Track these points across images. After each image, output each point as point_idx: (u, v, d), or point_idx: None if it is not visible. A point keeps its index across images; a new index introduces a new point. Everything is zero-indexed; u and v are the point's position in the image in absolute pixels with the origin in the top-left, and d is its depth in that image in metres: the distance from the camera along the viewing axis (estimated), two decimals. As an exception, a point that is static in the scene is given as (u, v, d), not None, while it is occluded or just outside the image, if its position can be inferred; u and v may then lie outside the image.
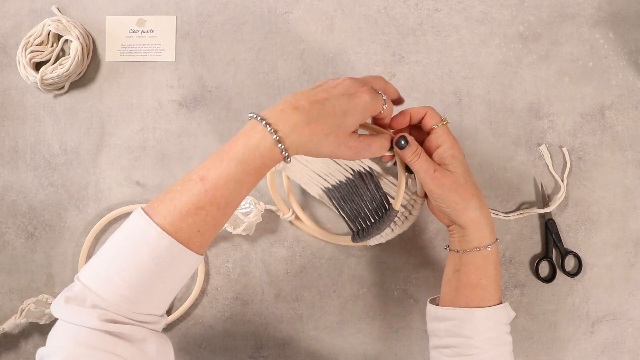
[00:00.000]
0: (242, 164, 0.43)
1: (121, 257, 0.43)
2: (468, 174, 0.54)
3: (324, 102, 0.46)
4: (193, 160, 0.68)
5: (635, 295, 0.68)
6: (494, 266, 0.54)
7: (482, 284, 0.53)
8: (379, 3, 0.69)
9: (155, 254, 0.42)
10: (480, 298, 0.53)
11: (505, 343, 0.54)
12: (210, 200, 0.43)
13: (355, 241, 0.63)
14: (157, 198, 0.44)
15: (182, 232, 0.43)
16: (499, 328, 0.53)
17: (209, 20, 0.69)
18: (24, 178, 0.68)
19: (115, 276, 0.42)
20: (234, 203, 0.45)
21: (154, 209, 0.43)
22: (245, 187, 0.45)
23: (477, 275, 0.53)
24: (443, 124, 0.54)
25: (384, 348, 0.68)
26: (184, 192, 0.43)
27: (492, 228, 0.54)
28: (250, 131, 0.44)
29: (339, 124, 0.46)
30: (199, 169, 0.44)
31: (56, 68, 0.66)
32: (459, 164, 0.53)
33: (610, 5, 0.69)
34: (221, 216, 0.45)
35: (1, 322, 0.66)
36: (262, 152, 0.44)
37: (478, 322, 0.52)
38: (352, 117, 0.47)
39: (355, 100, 0.47)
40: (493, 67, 0.69)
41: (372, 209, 0.62)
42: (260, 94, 0.68)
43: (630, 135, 0.68)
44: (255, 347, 0.67)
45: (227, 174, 0.43)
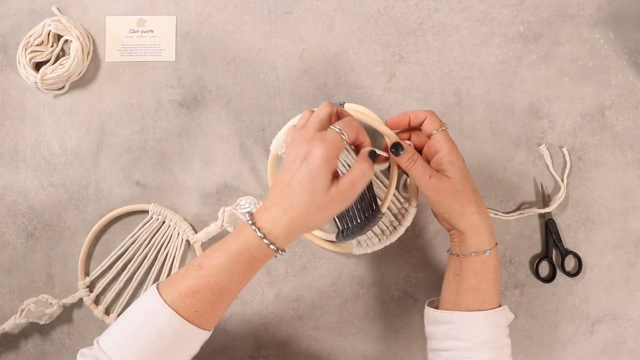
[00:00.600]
0: (230, 255, 0.48)
1: (132, 325, 0.48)
2: (466, 180, 0.54)
3: (290, 183, 0.48)
4: (193, 160, 0.68)
5: (635, 295, 0.68)
6: (493, 270, 0.54)
7: (482, 288, 0.54)
8: (379, 3, 0.69)
9: (160, 326, 0.47)
10: (480, 302, 0.54)
11: (504, 346, 0.54)
12: (205, 285, 0.48)
13: (339, 239, 0.63)
14: (166, 279, 0.51)
15: (181, 310, 0.48)
16: (497, 331, 0.54)
17: (209, 20, 0.69)
18: (24, 178, 0.68)
19: (125, 344, 0.47)
20: (229, 290, 0.49)
21: (162, 286, 0.49)
22: (236, 277, 0.49)
23: (476, 280, 0.54)
24: (442, 129, 0.54)
25: (384, 348, 0.68)
26: (185, 276, 0.49)
27: (492, 233, 0.54)
28: (241, 229, 0.49)
29: (311, 193, 0.47)
30: (200, 257, 0.50)
31: (56, 68, 0.66)
32: (456, 170, 0.53)
33: (610, 5, 0.69)
34: (217, 301, 0.49)
35: (1, 322, 0.66)
36: (249, 247, 0.48)
37: (475, 325, 0.53)
38: (320, 177, 0.47)
39: (314, 161, 0.47)
40: (493, 67, 0.69)
41: (359, 209, 0.61)
42: (260, 94, 0.68)
43: (630, 135, 0.68)
44: (255, 347, 0.67)
45: (218, 264, 0.48)
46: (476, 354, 0.52)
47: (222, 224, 0.64)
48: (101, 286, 0.67)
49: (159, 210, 0.66)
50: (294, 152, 0.49)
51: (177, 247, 0.67)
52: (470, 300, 0.54)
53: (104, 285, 0.67)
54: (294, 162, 0.49)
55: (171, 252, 0.67)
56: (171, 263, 0.67)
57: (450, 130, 0.67)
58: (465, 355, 0.53)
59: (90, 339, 0.68)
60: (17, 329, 0.67)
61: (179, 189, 0.68)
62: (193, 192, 0.68)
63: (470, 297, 0.54)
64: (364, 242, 0.64)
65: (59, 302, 0.66)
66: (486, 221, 0.54)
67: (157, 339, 0.47)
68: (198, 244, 0.66)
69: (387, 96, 0.68)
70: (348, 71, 0.68)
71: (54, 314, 0.66)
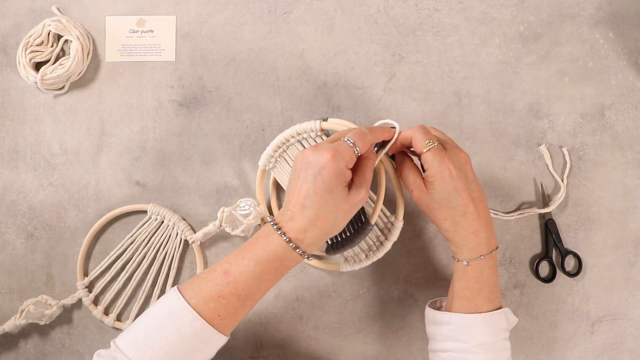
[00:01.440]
0: (261, 264, 0.49)
1: (152, 326, 0.48)
2: (446, 200, 0.53)
3: (309, 194, 0.49)
4: (193, 160, 0.68)
5: (635, 295, 0.68)
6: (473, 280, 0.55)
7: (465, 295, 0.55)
8: (379, 3, 0.69)
9: (181, 327, 0.48)
10: (466, 307, 0.55)
11: (503, 348, 0.54)
12: (232, 291, 0.49)
13: (329, 253, 0.63)
14: (186, 282, 0.51)
15: (204, 313, 0.48)
16: (495, 333, 0.54)
17: (209, 20, 0.69)
18: (24, 178, 0.68)
19: (145, 345, 0.47)
20: (255, 296, 0.50)
21: (183, 289, 0.49)
22: (265, 283, 0.50)
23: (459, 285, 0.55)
24: (428, 149, 0.53)
25: (384, 348, 0.68)
26: (209, 281, 0.49)
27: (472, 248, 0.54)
28: (269, 237, 0.50)
29: (334, 203, 0.50)
30: (223, 262, 0.50)
31: (56, 68, 0.66)
32: (436, 191, 0.53)
33: (610, 5, 0.69)
34: (241, 305, 0.50)
35: (1, 323, 0.66)
36: (280, 257, 0.49)
37: (473, 327, 0.54)
38: (337, 188, 0.49)
39: (326, 173, 0.49)
40: (493, 67, 0.69)
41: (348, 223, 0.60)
42: (260, 94, 0.68)
43: (630, 135, 0.68)
44: (255, 347, 0.67)
45: (247, 272, 0.49)
46: (473, 356, 0.53)
47: (220, 224, 0.64)
48: (100, 286, 0.67)
49: (158, 210, 0.66)
50: (304, 163, 0.50)
51: (175, 247, 0.67)
52: (457, 304, 0.56)
53: (102, 285, 0.67)
54: (307, 174, 0.50)
55: (170, 252, 0.67)
56: (170, 263, 0.67)
57: (450, 131, 0.68)
58: (462, 357, 0.53)
59: (90, 339, 0.68)
60: (17, 329, 0.67)
61: (179, 189, 0.68)
62: (193, 192, 0.68)
63: (457, 301, 0.56)
64: (351, 258, 0.64)
65: (58, 303, 0.66)
66: (464, 237, 0.54)
67: (178, 340, 0.47)
68: (196, 244, 0.66)
69: (387, 96, 0.68)
70: (348, 71, 0.68)
71: (53, 315, 0.66)
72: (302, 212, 0.49)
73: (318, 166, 0.49)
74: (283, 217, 0.51)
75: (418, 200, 0.55)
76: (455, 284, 0.56)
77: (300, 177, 0.50)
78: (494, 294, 0.55)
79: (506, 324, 0.56)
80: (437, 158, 0.52)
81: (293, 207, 0.50)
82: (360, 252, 0.64)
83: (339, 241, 0.62)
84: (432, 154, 0.52)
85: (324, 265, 0.66)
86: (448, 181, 0.52)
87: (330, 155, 0.49)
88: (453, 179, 0.52)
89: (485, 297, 0.55)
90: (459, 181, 0.52)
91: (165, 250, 0.67)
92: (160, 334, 0.47)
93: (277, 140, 0.63)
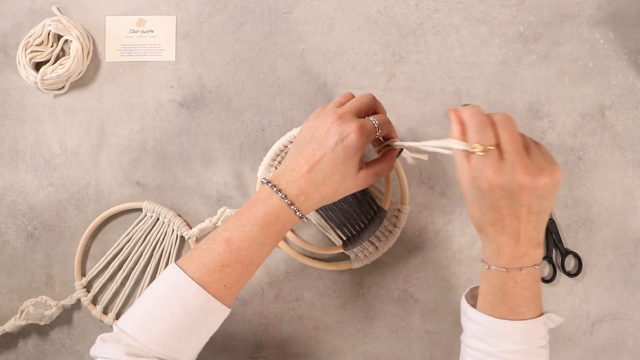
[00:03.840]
0: (263, 229, 0.49)
1: (156, 304, 0.47)
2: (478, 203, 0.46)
3: (323, 160, 0.49)
4: (193, 160, 0.68)
5: (635, 295, 0.68)
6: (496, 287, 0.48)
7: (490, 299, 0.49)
8: (379, 3, 0.69)
9: (186, 302, 0.47)
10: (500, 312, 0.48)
11: (535, 355, 0.49)
12: (235, 259, 0.48)
13: (347, 248, 0.62)
14: (185, 256, 0.50)
15: (209, 286, 0.48)
16: (530, 342, 0.48)
17: (209, 20, 0.69)
18: (24, 178, 0.68)
19: (150, 323, 0.46)
20: (257, 261, 0.50)
21: (184, 264, 0.49)
22: (267, 247, 0.50)
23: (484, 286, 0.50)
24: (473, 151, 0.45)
25: (384, 348, 0.68)
26: (211, 252, 0.49)
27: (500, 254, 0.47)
28: (269, 200, 0.49)
29: (343, 175, 0.50)
30: (222, 231, 0.49)
31: (56, 68, 0.66)
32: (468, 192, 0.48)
33: (610, 5, 0.69)
34: (245, 272, 0.50)
35: (1, 323, 0.66)
36: (281, 220, 0.49)
37: (501, 333, 0.48)
38: (351, 162, 0.50)
39: (349, 145, 0.49)
40: (493, 67, 0.69)
41: (360, 213, 0.61)
42: (260, 94, 0.68)
43: (630, 135, 0.68)
44: (255, 347, 0.67)
45: (250, 237, 0.49)
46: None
47: (217, 221, 0.64)
48: (98, 286, 0.67)
49: (153, 207, 0.66)
50: (331, 132, 0.49)
51: (172, 243, 0.67)
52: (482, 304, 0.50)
53: (101, 284, 0.67)
54: (327, 139, 0.49)
55: (166, 248, 0.67)
56: (167, 259, 0.67)
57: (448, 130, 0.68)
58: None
59: (91, 339, 0.68)
60: (16, 330, 0.67)
61: (179, 189, 0.68)
62: (193, 192, 0.68)
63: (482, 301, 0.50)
64: (361, 253, 0.64)
65: (57, 304, 0.66)
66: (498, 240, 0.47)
67: (184, 315, 0.47)
68: (192, 240, 0.66)
69: (387, 96, 0.68)
70: (348, 71, 0.68)
71: (53, 315, 0.66)
72: (308, 174, 0.49)
73: (343, 135, 0.49)
74: (283, 178, 0.50)
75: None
76: (482, 282, 0.50)
77: (316, 141, 0.50)
78: (525, 307, 0.48)
79: (544, 331, 0.49)
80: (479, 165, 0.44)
81: (299, 168, 0.49)
82: (370, 244, 0.64)
83: (353, 235, 0.62)
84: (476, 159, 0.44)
85: (335, 266, 0.66)
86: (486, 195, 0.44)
87: (357, 127, 0.49)
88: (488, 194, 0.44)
89: (510, 309, 0.48)
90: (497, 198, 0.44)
91: (162, 247, 0.67)
92: (165, 311, 0.47)
93: (274, 148, 0.63)
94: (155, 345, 0.46)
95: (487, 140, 0.44)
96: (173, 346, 0.47)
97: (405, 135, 0.68)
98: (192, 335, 0.48)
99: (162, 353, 0.46)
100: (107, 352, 0.46)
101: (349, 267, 0.65)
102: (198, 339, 0.49)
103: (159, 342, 0.46)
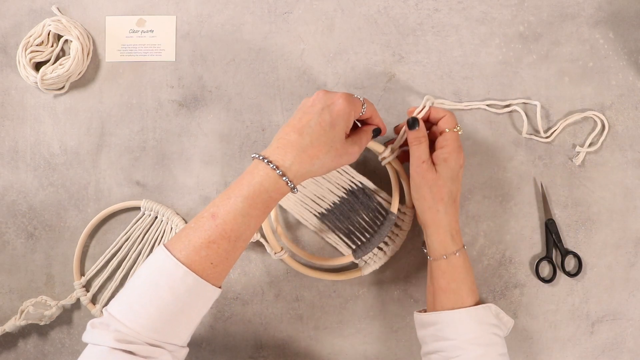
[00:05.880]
0: (248, 199, 0.47)
1: (144, 288, 0.46)
2: (451, 182, 0.57)
3: (310, 124, 0.49)
4: (193, 160, 0.68)
5: (635, 295, 0.68)
6: (461, 269, 0.56)
7: (452, 287, 0.56)
8: (379, 3, 0.69)
9: (173, 284, 0.46)
10: (453, 301, 0.56)
11: (493, 343, 0.54)
12: (221, 234, 0.47)
13: (357, 256, 0.63)
14: (175, 236, 0.49)
15: (196, 264, 0.46)
16: (483, 328, 0.54)
17: (209, 20, 0.69)
18: (24, 178, 0.68)
19: (138, 307, 0.46)
20: (245, 236, 0.49)
21: (172, 245, 0.48)
22: (254, 220, 0.48)
23: (445, 280, 0.56)
24: (454, 130, 0.58)
25: (384, 348, 0.68)
26: (197, 229, 0.47)
27: (455, 235, 0.57)
28: (254, 170, 0.49)
29: (332, 138, 0.50)
30: (209, 207, 0.48)
31: (56, 68, 0.66)
32: (446, 169, 0.57)
33: (610, 5, 0.69)
34: (232, 248, 0.48)
35: (1, 323, 0.66)
36: (267, 188, 0.48)
37: (458, 323, 0.54)
38: (339, 126, 0.51)
39: (336, 109, 0.50)
40: (493, 67, 0.68)
41: (368, 220, 0.63)
42: (260, 94, 0.68)
43: (630, 135, 0.68)
44: (255, 347, 0.67)
45: (235, 210, 0.47)
46: (463, 351, 0.53)
47: None
48: (97, 285, 0.67)
49: (151, 205, 0.66)
50: (317, 100, 0.51)
51: (171, 242, 0.67)
52: (443, 300, 0.56)
53: (100, 283, 0.67)
54: (313, 107, 0.51)
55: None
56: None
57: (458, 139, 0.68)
58: (452, 355, 0.53)
59: (90, 339, 0.68)
60: (16, 330, 0.67)
61: (179, 189, 0.68)
62: (193, 192, 0.68)
63: (443, 297, 0.56)
64: (370, 259, 0.65)
65: (57, 304, 0.66)
66: (451, 224, 0.57)
67: (172, 298, 0.46)
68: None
69: (387, 96, 0.68)
70: (348, 71, 0.68)
71: (53, 315, 0.66)
72: (296, 139, 0.49)
73: (329, 102, 0.50)
74: (270, 147, 0.50)
75: (424, 174, 0.56)
76: (439, 281, 0.57)
77: (302, 111, 0.51)
78: (474, 285, 0.58)
79: (494, 319, 0.56)
80: (458, 140, 0.58)
81: (286, 135, 0.50)
82: (378, 250, 0.64)
83: (362, 242, 0.63)
84: (456, 135, 0.58)
85: (344, 276, 0.65)
86: (459, 164, 0.57)
87: (343, 97, 0.51)
88: (461, 162, 0.57)
89: (470, 287, 0.57)
90: (461, 168, 0.58)
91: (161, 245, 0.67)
92: (153, 295, 0.46)
93: None
94: (145, 330, 0.45)
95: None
96: (163, 330, 0.46)
97: (405, 135, 0.68)
98: (182, 318, 0.47)
99: (151, 337, 0.45)
100: (96, 338, 0.45)
101: (359, 274, 0.65)
102: (189, 321, 0.48)
103: (148, 326, 0.45)
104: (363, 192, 0.63)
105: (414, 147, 0.58)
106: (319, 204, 0.64)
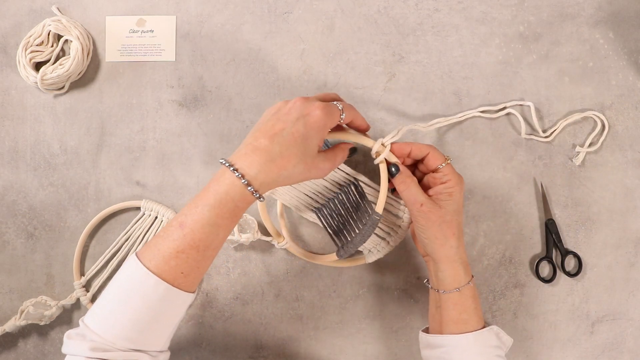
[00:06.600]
0: (214, 209, 0.46)
1: (116, 298, 0.46)
2: (457, 213, 0.56)
3: (282, 133, 0.48)
4: (193, 160, 0.68)
5: (635, 295, 0.68)
6: (471, 299, 0.56)
7: (463, 318, 0.55)
8: (379, 3, 0.69)
9: (145, 294, 0.45)
10: (462, 329, 0.55)
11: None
12: (189, 244, 0.46)
13: (340, 256, 0.60)
14: (145, 244, 0.48)
15: (166, 274, 0.46)
16: (487, 351, 0.54)
17: (209, 20, 0.69)
18: (24, 178, 0.68)
19: (112, 317, 0.46)
20: (214, 245, 0.48)
21: (142, 254, 0.47)
22: (222, 229, 0.47)
23: (456, 311, 0.56)
24: (447, 162, 0.56)
25: (384, 348, 0.68)
26: (166, 238, 0.47)
27: (466, 267, 0.56)
28: (221, 177, 0.47)
29: (303, 151, 0.48)
30: (178, 216, 0.47)
31: (56, 68, 0.66)
32: (452, 203, 0.55)
33: (610, 5, 0.69)
34: (202, 258, 0.47)
35: (1, 323, 0.66)
36: (232, 197, 0.46)
37: (466, 347, 0.54)
38: (312, 139, 0.49)
39: (311, 121, 0.48)
40: (493, 67, 0.69)
41: (356, 219, 0.60)
42: (260, 94, 0.68)
43: (630, 135, 0.68)
44: (255, 347, 0.67)
45: (202, 219, 0.46)
46: None
47: None
48: (97, 285, 0.67)
49: (151, 206, 0.66)
50: (294, 109, 0.49)
51: (172, 243, 0.67)
52: (453, 329, 0.56)
53: (100, 284, 0.67)
54: (289, 115, 0.49)
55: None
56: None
57: (450, 131, 0.68)
58: None
59: (90, 339, 0.68)
60: (16, 330, 0.67)
61: (179, 189, 0.68)
62: (193, 192, 0.68)
63: (452, 326, 0.56)
64: (374, 249, 0.64)
65: (57, 304, 0.66)
66: (462, 256, 0.56)
67: (145, 308, 0.45)
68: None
69: (387, 96, 0.68)
70: (348, 71, 0.68)
71: (53, 316, 0.66)
72: (265, 147, 0.47)
73: (305, 112, 0.48)
74: (238, 153, 0.48)
75: (428, 215, 0.54)
76: (449, 312, 0.56)
77: (276, 117, 0.49)
78: (481, 310, 0.58)
79: (497, 341, 0.56)
80: (454, 170, 0.56)
81: (255, 141, 0.47)
82: (381, 240, 0.63)
83: (348, 241, 0.60)
84: (451, 167, 0.56)
85: (348, 262, 0.65)
86: (462, 192, 0.56)
87: (321, 108, 0.49)
88: (463, 191, 0.56)
89: (478, 314, 0.56)
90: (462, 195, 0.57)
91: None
92: (125, 304, 0.45)
93: None
94: (119, 340, 0.45)
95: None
96: (138, 339, 0.46)
97: (406, 135, 0.68)
98: (157, 326, 0.47)
99: (127, 346, 0.45)
100: (72, 349, 0.45)
101: (362, 262, 0.64)
102: (164, 328, 0.48)
103: (123, 336, 0.45)
104: (355, 188, 0.61)
105: (405, 193, 0.55)
106: (314, 199, 0.64)
